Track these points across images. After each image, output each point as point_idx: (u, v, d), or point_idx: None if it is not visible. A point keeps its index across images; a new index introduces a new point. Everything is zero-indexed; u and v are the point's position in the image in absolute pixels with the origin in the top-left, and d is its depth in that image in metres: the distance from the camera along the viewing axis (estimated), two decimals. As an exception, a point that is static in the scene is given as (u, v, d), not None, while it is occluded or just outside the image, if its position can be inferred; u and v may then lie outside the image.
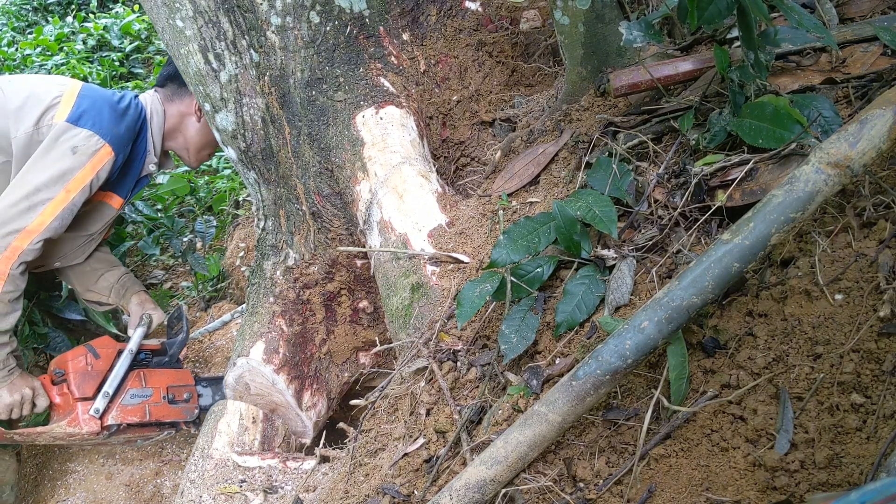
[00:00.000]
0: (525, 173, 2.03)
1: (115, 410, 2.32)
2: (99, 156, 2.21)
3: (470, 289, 1.60)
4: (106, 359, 2.36)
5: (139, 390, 2.39)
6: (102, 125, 2.24)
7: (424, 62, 2.44)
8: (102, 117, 2.25)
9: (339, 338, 2.46)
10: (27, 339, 2.84)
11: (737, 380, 1.27)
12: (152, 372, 2.45)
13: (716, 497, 1.18)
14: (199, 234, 3.54)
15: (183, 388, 2.50)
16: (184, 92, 2.47)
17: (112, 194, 2.46)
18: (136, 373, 2.40)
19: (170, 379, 2.48)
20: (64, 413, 2.31)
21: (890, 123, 1.20)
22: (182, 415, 2.47)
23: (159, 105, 2.48)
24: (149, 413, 2.38)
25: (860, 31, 1.65)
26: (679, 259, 1.47)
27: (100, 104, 2.29)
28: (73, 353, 2.33)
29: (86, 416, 2.26)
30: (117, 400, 2.33)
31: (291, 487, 1.93)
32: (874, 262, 1.24)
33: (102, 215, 2.49)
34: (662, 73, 1.74)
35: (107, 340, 2.43)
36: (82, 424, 2.25)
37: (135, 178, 2.50)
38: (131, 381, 2.38)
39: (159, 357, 2.53)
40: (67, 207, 2.18)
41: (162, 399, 2.42)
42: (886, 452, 1.07)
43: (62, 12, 6.01)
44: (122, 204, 2.50)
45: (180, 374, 2.53)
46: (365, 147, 2.21)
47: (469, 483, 1.25)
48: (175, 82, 2.48)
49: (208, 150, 2.60)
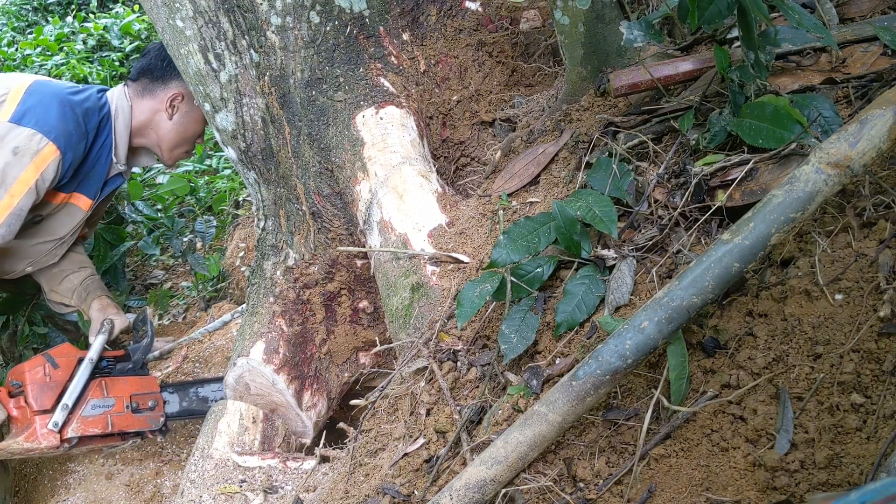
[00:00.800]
0: (525, 173, 2.03)
1: (76, 423, 2.21)
2: (42, 155, 2.09)
3: (470, 289, 1.60)
4: (65, 368, 2.24)
5: (100, 400, 2.27)
6: (48, 123, 2.12)
7: (424, 62, 2.44)
8: (48, 114, 2.14)
9: (339, 338, 2.46)
10: (27, 339, 2.84)
11: (737, 380, 1.27)
12: (115, 380, 2.33)
13: (716, 497, 1.18)
14: (199, 234, 3.54)
15: (147, 395, 2.38)
16: (156, 87, 2.38)
17: (78, 195, 2.35)
18: (97, 382, 2.29)
19: (133, 387, 2.36)
20: (22, 427, 2.20)
21: (890, 123, 1.20)
22: (147, 423, 2.37)
23: (126, 101, 2.37)
24: (111, 424, 2.27)
25: (860, 31, 1.65)
26: (679, 259, 1.47)
27: (47, 101, 2.17)
28: (31, 364, 2.22)
29: (44, 430, 2.15)
30: (77, 411, 2.22)
31: (291, 487, 1.93)
32: (874, 262, 1.24)
33: (70, 218, 2.39)
34: (662, 73, 1.74)
35: (66, 349, 2.31)
36: (40, 439, 2.14)
37: (101, 177, 2.39)
38: (92, 391, 2.26)
39: (123, 364, 2.41)
40: (13, 213, 2.08)
41: (125, 409, 2.31)
42: (886, 452, 1.07)
43: (62, 12, 6.01)
44: (91, 205, 2.40)
45: (145, 381, 2.41)
46: (365, 147, 2.21)
47: (469, 483, 1.25)
48: (148, 76, 2.38)
49: (184, 148, 2.50)
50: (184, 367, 3.04)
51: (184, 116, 2.42)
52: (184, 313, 3.78)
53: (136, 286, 3.94)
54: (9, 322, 2.85)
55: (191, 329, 3.43)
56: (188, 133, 2.47)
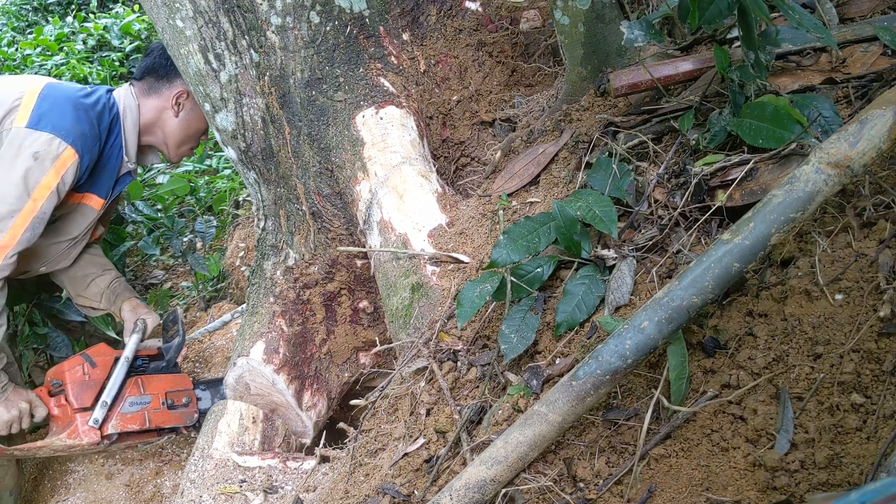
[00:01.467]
0: (525, 173, 2.03)
1: (115, 419, 2.29)
2: (62, 159, 2.12)
3: (470, 289, 1.60)
4: (103, 367, 2.33)
5: (138, 398, 2.36)
6: (64, 127, 2.14)
7: (424, 62, 2.44)
8: (64, 118, 2.16)
9: (339, 338, 2.46)
10: (27, 339, 2.84)
11: (737, 380, 1.27)
12: (150, 378, 2.42)
13: (716, 497, 1.18)
14: (199, 234, 3.54)
15: (181, 392, 2.48)
16: (161, 85, 2.40)
17: (90, 195, 2.38)
18: (133, 380, 2.37)
19: (168, 384, 2.45)
20: (63, 425, 2.28)
21: (890, 123, 1.20)
22: (182, 419, 2.45)
23: (133, 100, 2.39)
24: (148, 420, 2.36)
25: (860, 31, 1.65)
26: (679, 259, 1.47)
27: (61, 104, 2.19)
28: (70, 363, 2.30)
29: (85, 427, 2.23)
30: (116, 408, 2.30)
31: (291, 487, 1.93)
32: (874, 262, 1.24)
33: (84, 217, 2.41)
34: (662, 73, 1.74)
35: (103, 348, 2.39)
36: (82, 436, 2.23)
37: (112, 176, 2.41)
38: (129, 389, 2.35)
39: (156, 362, 2.49)
40: (37, 217, 2.10)
41: (161, 405, 2.40)
42: (886, 452, 1.07)
43: (62, 12, 6.02)
44: (104, 204, 2.42)
45: (178, 378, 2.50)
46: (365, 147, 2.21)
47: (469, 483, 1.25)
48: (152, 75, 2.40)
49: (189, 145, 2.52)
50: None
51: (189, 113, 2.44)
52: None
53: (137, 286, 3.94)
54: (9, 322, 2.85)
55: (191, 329, 3.44)
56: (193, 130, 2.48)
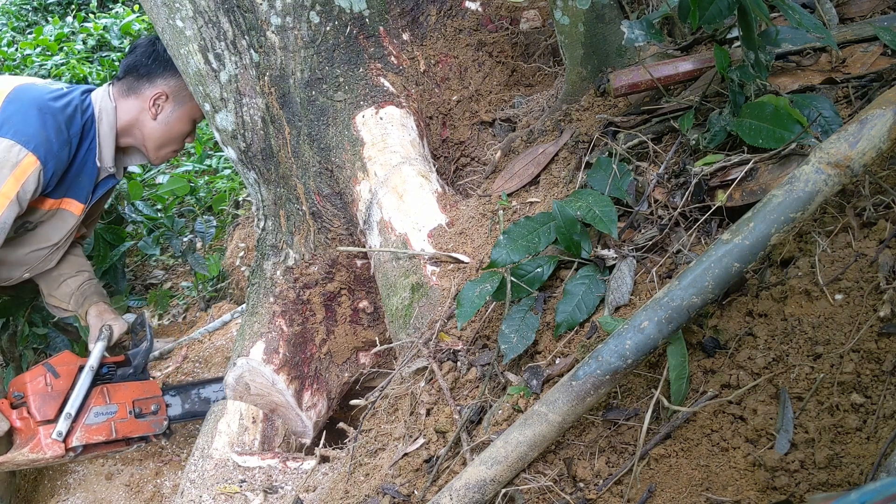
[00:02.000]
0: (525, 173, 2.03)
1: (80, 431, 2.20)
2: (22, 167, 2.05)
3: (470, 289, 1.60)
4: (66, 377, 2.23)
5: (103, 407, 2.27)
6: (26, 132, 2.07)
7: (424, 62, 2.44)
8: (27, 124, 2.08)
9: (339, 338, 2.46)
10: (27, 340, 2.84)
11: (737, 380, 1.27)
12: (117, 386, 2.32)
13: (716, 497, 1.18)
14: (199, 234, 3.54)
15: (150, 399, 2.39)
16: (140, 85, 2.33)
17: (69, 200, 2.32)
18: (98, 389, 2.28)
19: (135, 392, 2.36)
20: (26, 438, 2.19)
21: (890, 123, 1.20)
22: (150, 428, 2.37)
23: (109, 102, 2.33)
24: (115, 430, 2.27)
25: (860, 31, 1.65)
26: (679, 259, 1.47)
27: (26, 109, 2.11)
28: (32, 374, 2.21)
29: (48, 440, 2.14)
30: (81, 420, 2.21)
31: (291, 487, 1.93)
32: (874, 262, 1.24)
33: (64, 223, 2.35)
34: (662, 73, 1.74)
35: (67, 357, 2.30)
36: (45, 449, 2.14)
37: (91, 180, 2.35)
38: (94, 399, 2.26)
39: (123, 369, 2.40)
40: None
41: (128, 414, 2.31)
42: (886, 452, 1.07)
43: (62, 12, 6.02)
44: (83, 209, 2.36)
45: (146, 385, 2.41)
46: (365, 147, 2.21)
47: (469, 483, 1.25)
48: (132, 75, 2.34)
49: (170, 148, 2.44)
50: (184, 367, 3.05)
51: (168, 115, 2.37)
52: (184, 313, 3.78)
53: (136, 286, 3.94)
54: (8, 323, 2.85)
55: (191, 329, 3.44)
56: (173, 133, 2.41)
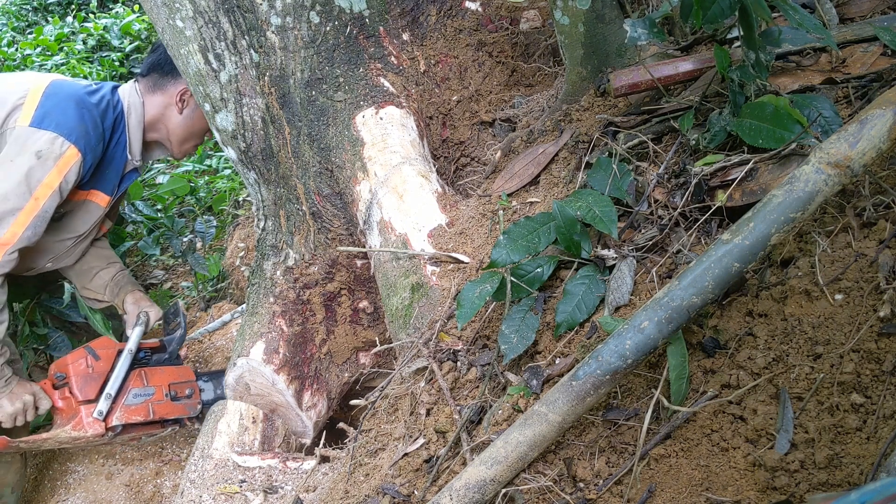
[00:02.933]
0: (525, 173, 2.03)
1: (119, 411, 2.32)
2: (65, 159, 2.13)
3: (470, 289, 1.60)
4: (106, 360, 2.36)
5: (141, 389, 2.39)
6: (67, 125, 2.15)
7: (424, 62, 2.44)
8: (67, 117, 2.16)
9: (339, 338, 2.46)
10: (27, 339, 2.84)
11: (737, 380, 1.27)
12: (153, 370, 2.45)
13: (716, 497, 1.18)
14: (199, 234, 3.54)
15: (184, 384, 2.51)
16: (166, 82, 2.40)
17: (96, 192, 2.39)
18: (136, 372, 2.41)
19: (171, 376, 2.48)
20: (67, 417, 2.31)
21: (890, 123, 1.20)
22: (185, 411, 2.48)
23: (137, 97, 2.40)
24: (152, 411, 2.39)
25: (860, 31, 1.65)
26: (679, 259, 1.47)
27: (65, 103, 2.19)
28: (73, 356, 2.33)
29: (90, 418, 2.26)
30: (120, 400, 2.34)
31: (291, 487, 1.93)
32: (874, 262, 1.24)
33: (90, 215, 2.43)
34: (662, 73, 1.74)
35: (106, 341, 2.43)
36: (87, 427, 2.26)
37: (118, 173, 2.43)
38: (133, 381, 2.39)
39: (159, 354, 2.53)
40: (39, 215, 2.11)
41: (164, 397, 2.43)
42: (886, 452, 1.07)
43: (62, 12, 6.02)
44: (109, 201, 2.44)
45: (181, 370, 2.54)
46: (365, 147, 2.21)
47: (469, 483, 1.25)
48: (157, 72, 2.41)
49: (193, 142, 2.53)
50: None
51: (193, 111, 2.44)
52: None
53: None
54: (10, 319, 2.85)
55: (191, 329, 3.44)
56: (197, 127, 2.49)
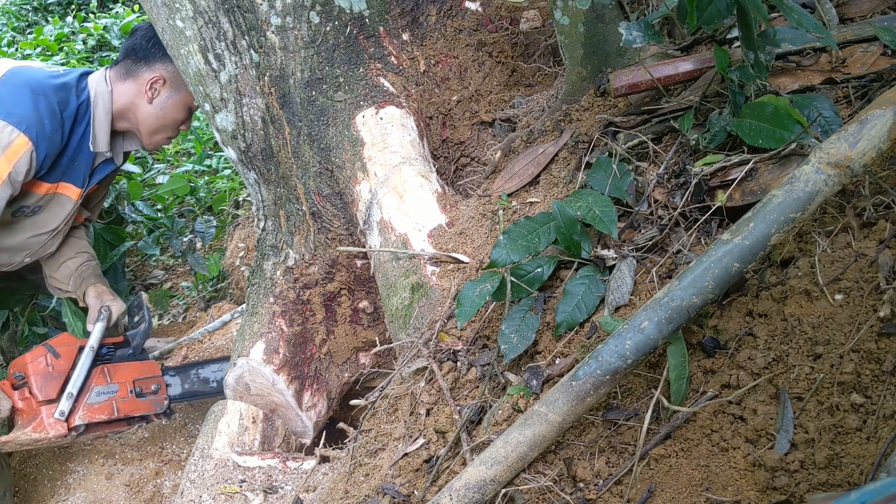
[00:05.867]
0: (525, 173, 2.03)
1: (82, 410, 2.22)
2: (14, 148, 2.04)
3: (470, 289, 1.60)
4: (67, 357, 2.26)
5: (104, 387, 2.29)
6: (18, 113, 2.06)
7: (424, 62, 2.44)
8: (20, 105, 2.08)
9: (339, 338, 2.46)
10: (27, 339, 2.84)
11: (737, 380, 1.27)
12: (117, 366, 2.35)
13: (716, 497, 1.18)
14: (199, 234, 3.54)
15: (150, 379, 2.41)
16: (138, 68, 2.33)
17: (66, 184, 2.31)
18: (99, 369, 2.30)
19: (135, 372, 2.39)
20: (28, 418, 2.21)
21: (890, 123, 1.20)
22: (151, 407, 2.39)
23: (105, 86, 2.32)
24: (116, 409, 2.29)
25: (860, 31, 1.65)
26: (679, 259, 1.47)
27: (19, 90, 2.11)
28: (32, 355, 2.23)
29: (51, 419, 2.16)
30: (82, 399, 2.24)
31: (291, 487, 1.93)
32: (874, 262, 1.24)
33: (61, 207, 2.35)
34: (662, 73, 1.74)
35: (67, 338, 2.33)
36: (48, 429, 2.16)
37: (87, 164, 2.34)
38: (95, 378, 2.28)
39: (123, 350, 2.43)
40: None
41: (129, 394, 2.33)
42: (886, 452, 1.07)
43: (62, 12, 6.02)
44: (80, 194, 2.36)
45: (146, 365, 2.44)
46: (365, 147, 2.21)
47: (469, 483, 1.25)
48: (131, 57, 2.33)
49: (165, 134, 2.43)
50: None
51: (164, 101, 2.36)
52: (184, 313, 3.78)
53: (136, 286, 3.94)
54: (9, 322, 2.85)
55: (191, 329, 3.44)
56: (168, 119, 2.39)
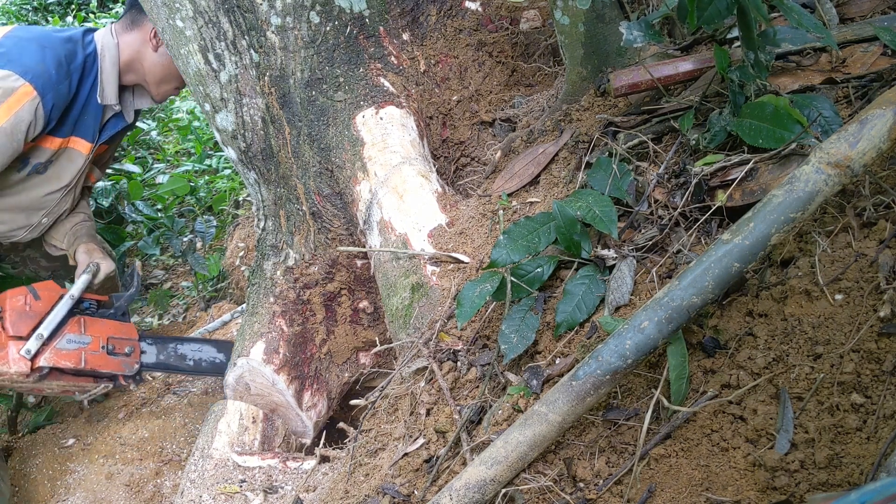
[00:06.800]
0: (525, 173, 2.03)
1: (49, 353, 2.19)
2: (17, 96, 2.04)
3: (470, 289, 1.60)
4: (46, 301, 2.24)
5: (77, 336, 2.27)
6: (23, 64, 2.07)
7: (424, 62, 2.44)
8: (25, 55, 2.08)
9: (340, 338, 2.46)
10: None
11: (737, 380, 1.27)
12: (94, 320, 2.33)
13: (716, 497, 1.18)
14: (199, 234, 3.54)
15: (125, 340, 2.38)
16: (141, 19, 2.32)
17: (76, 139, 2.32)
18: (76, 319, 2.29)
19: (112, 330, 2.36)
20: None
21: (890, 123, 1.20)
22: (121, 367, 2.35)
23: (111, 38, 2.32)
24: (84, 360, 2.26)
25: (860, 31, 1.65)
26: (679, 259, 1.47)
27: (25, 43, 2.11)
28: (13, 292, 2.21)
29: (16, 355, 2.14)
30: (52, 343, 2.21)
31: (291, 487, 1.93)
32: (874, 262, 1.24)
33: (72, 163, 2.36)
34: (662, 73, 1.74)
35: (50, 284, 2.31)
36: (11, 363, 2.14)
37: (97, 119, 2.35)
38: (70, 327, 2.26)
39: (105, 309, 2.42)
40: None
41: (100, 349, 2.31)
42: (886, 452, 1.07)
43: (62, 12, 6.02)
44: (91, 148, 2.36)
45: (125, 326, 2.42)
46: (365, 147, 2.21)
47: (469, 483, 1.25)
48: (136, 8, 2.32)
49: (172, 84, 2.44)
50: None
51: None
52: (184, 313, 3.78)
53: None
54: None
55: (191, 329, 3.44)
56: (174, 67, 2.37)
